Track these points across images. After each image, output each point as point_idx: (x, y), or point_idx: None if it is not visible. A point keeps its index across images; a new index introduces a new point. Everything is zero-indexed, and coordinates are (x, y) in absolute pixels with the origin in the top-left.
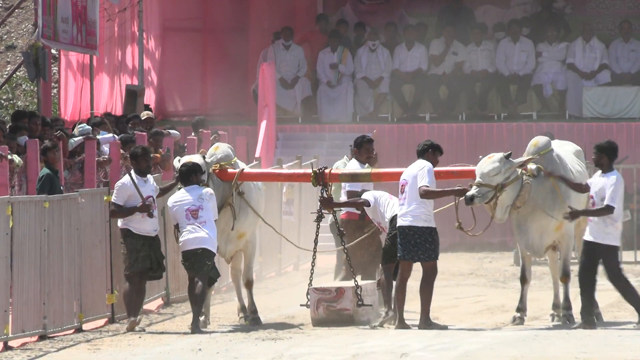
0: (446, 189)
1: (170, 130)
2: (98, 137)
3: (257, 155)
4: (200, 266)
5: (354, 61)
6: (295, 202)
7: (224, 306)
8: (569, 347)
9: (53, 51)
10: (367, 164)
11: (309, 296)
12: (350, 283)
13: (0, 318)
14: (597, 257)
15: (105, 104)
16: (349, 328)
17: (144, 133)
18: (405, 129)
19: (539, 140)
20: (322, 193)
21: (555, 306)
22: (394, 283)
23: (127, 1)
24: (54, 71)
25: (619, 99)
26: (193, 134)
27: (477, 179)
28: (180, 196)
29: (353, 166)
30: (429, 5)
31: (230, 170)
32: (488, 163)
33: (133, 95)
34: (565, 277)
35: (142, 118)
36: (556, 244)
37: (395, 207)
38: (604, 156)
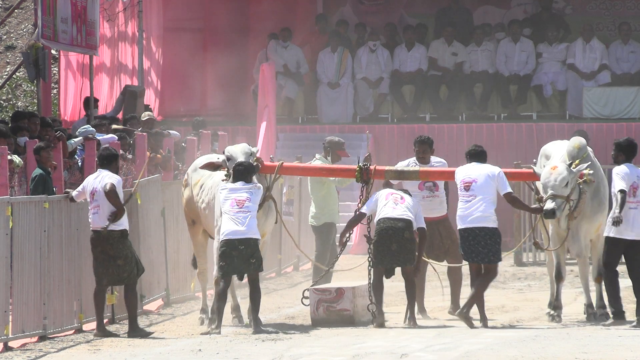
0: (530, 207)
1: (170, 131)
2: (98, 137)
3: (257, 155)
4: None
5: (354, 62)
6: (295, 203)
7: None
8: (569, 347)
9: (53, 51)
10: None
11: (307, 294)
12: (351, 283)
13: (0, 319)
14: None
15: (105, 105)
16: (349, 328)
17: (144, 134)
18: (405, 129)
19: (580, 142)
20: (361, 191)
21: (590, 306)
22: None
23: (127, 1)
24: (54, 71)
25: (619, 99)
26: (192, 134)
27: (550, 191)
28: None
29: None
30: (429, 5)
31: (268, 163)
32: (557, 174)
33: (133, 96)
34: (600, 276)
35: (143, 119)
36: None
37: (385, 209)
38: (621, 154)
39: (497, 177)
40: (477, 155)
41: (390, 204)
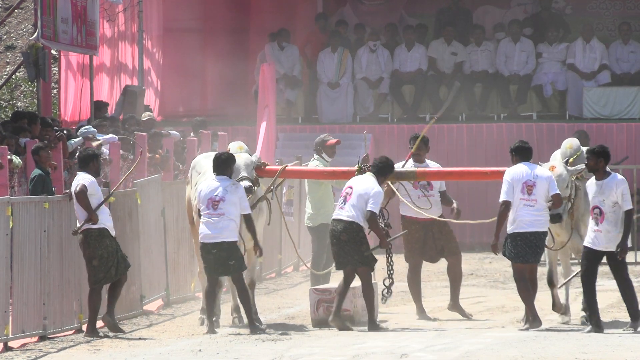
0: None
1: (170, 131)
2: (98, 137)
3: (257, 155)
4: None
5: (354, 62)
6: (295, 203)
7: (223, 307)
8: (569, 347)
9: (53, 51)
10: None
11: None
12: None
13: (0, 319)
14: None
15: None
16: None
17: (144, 134)
18: (405, 129)
19: (573, 142)
20: None
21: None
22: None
23: (127, 1)
24: (54, 71)
25: (619, 99)
26: (192, 134)
27: None
28: (209, 184)
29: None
30: (429, 6)
31: (269, 167)
32: (557, 175)
33: (133, 96)
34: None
35: (143, 119)
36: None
37: (336, 210)
38: (601, 160)
39: (550, 179)
40: (525, 152)
41: (340, 202)
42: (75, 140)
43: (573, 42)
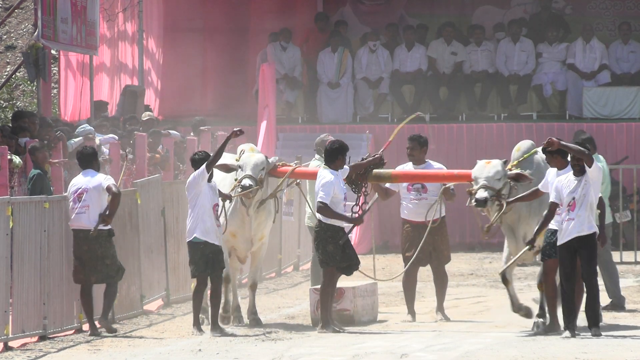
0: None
1: (170, 131)
2: (98, 137)
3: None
4: None
5: (354, 62)
6: (295, 203)
7: None
8: (569, 347)
9: (53, 51)
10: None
11: None
12: (350, 283)
13: (0, 318)
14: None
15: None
16: (349, 328)
17: (144, 134)
18: (405, 129)
19: (522, 144)
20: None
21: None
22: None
23: (127, 1)
24: (54, 71)
25: (619, 99)
26: (192, 134)
27: (482, 182)
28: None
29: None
30: (429, 6)
31: (281, 168)
32: (490, 167)
33: (133, 96)
34: (541, 283)
35: (144, 119)
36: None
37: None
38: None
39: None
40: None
41: None
42: (75, 140)
43: (573, 42)
